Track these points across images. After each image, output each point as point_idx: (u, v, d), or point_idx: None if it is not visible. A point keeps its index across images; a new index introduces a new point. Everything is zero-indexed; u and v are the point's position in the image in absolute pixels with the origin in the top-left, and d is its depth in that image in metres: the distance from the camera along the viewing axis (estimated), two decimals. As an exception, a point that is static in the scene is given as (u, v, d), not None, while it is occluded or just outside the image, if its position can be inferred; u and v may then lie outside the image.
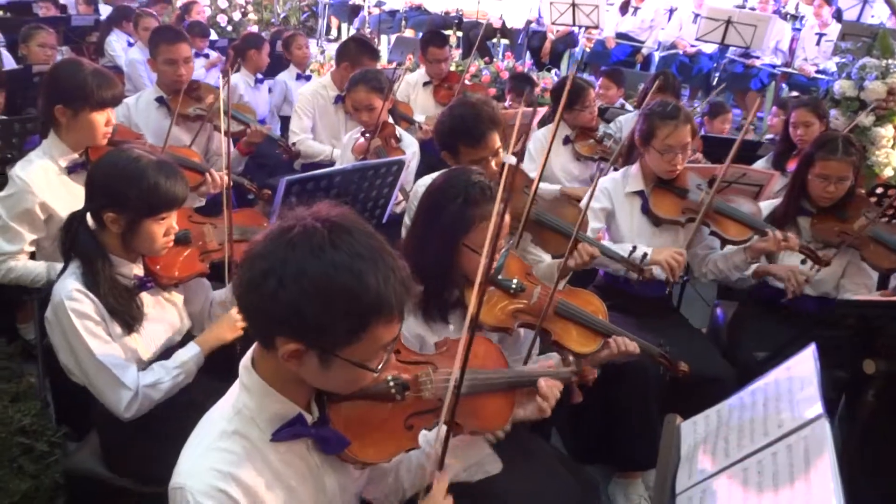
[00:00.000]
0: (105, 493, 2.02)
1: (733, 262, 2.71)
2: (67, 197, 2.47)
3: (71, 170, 2.48)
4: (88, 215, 1.86)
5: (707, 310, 3.68)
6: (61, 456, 2.41)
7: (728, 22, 6.51)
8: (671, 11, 8.24)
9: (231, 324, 1.99)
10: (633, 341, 2.01)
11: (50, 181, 2.44)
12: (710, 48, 7.53)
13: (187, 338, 2.05)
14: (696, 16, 7.57)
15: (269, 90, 5.27)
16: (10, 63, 4.95)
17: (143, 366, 1.91)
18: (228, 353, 2.03)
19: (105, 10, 8.07)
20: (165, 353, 1.97)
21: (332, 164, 3.86)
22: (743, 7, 7.90)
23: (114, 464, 2.00)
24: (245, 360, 1.26)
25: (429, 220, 1.86)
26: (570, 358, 1.84)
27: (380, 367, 1.20)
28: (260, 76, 5.13)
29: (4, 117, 3.18)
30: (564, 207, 2.50)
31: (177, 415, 1.93)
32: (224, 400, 1.27)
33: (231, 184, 2.77)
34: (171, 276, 1.97)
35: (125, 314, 1.83)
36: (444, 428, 1.28)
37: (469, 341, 1.24)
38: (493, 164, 2.43)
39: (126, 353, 1.86)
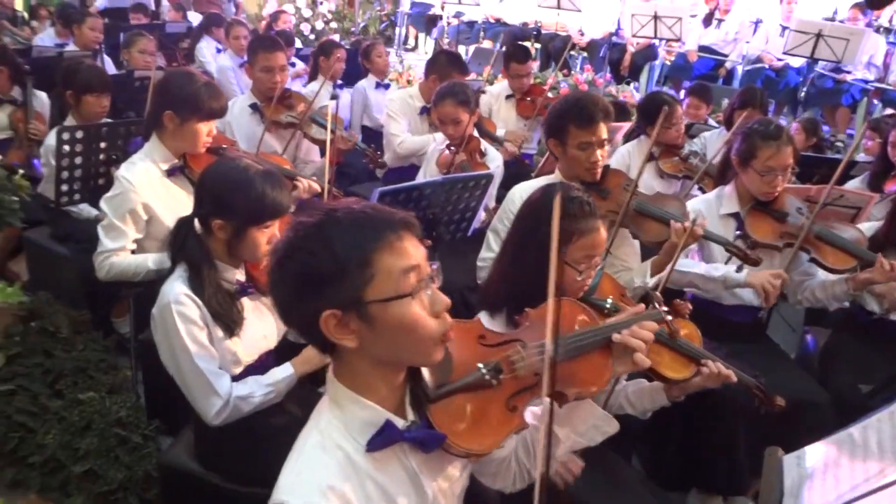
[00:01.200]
0: (196, 488, 2.07)
1: (833, 292, 2.60)
2: (167, 198, 2.57)
3: (170, 173, 2.58)
4: (196, 221, 1.93)
5: (793, 336, 3.55)
6: (153, 449, 2.50)
7: (818, 35, 6.31)
8: (757, 24, 8.03)
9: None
10: (728, 369, 1.95)
11: (152, 182, 2.54)
12: (797, 62, 7.30)
13: (281, 342, 2.11)
14: (784, 28, 7.35)
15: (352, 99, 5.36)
16: (110, 68, 5.19)
17: (241, 368, 1.96)
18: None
19: (192, 17, 8.41)
20: (260, 359, 2.03)
21: (415, 170, 3.90)
22: (833, 20, 7.63)
23: (207, 460, 2.05)
24: (329, 373, 1.27)
25: (525, 233, 1.86)
26: (660, 297, 1.77)
27: (414, 290, 1.17)
28: (339, 83, 5.21)
29: (110, 120, 3.33)
30: (665, 200, 2.61)
31: (269, 418, 1.99)
32: (316, 413, 1.28)
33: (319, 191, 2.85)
34: None
35: (227, 318, 1.88)
36: (546, 401, 1.19)
37: (557, 309, 1.17)
38: (598, 153, 2.50)
39: (227, 355, 1.92)
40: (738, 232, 2.50)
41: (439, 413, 1.26)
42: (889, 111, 6.51)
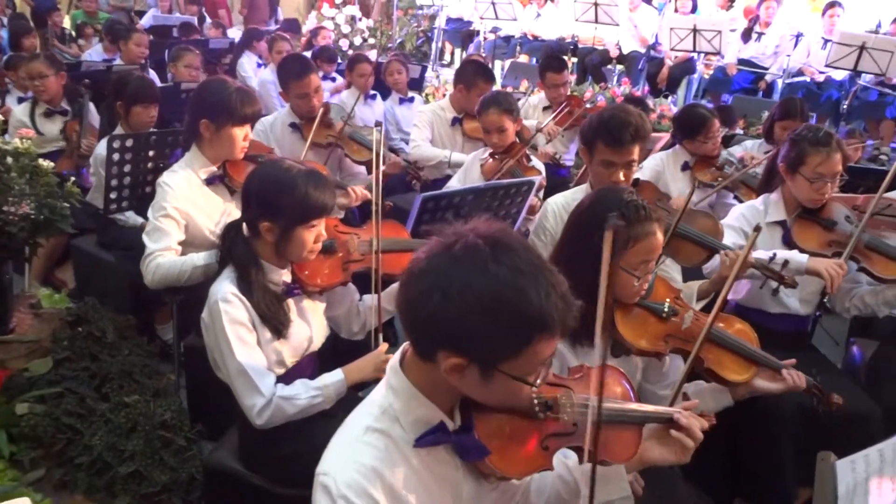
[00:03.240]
0: (239, 490, 2.09)
1: (884, 297, 2.55)
2: (206, 206, 2.61)
3: (209, 182, 2.62)
4: (244, 225, 1.96)
5: (836, 349, 3.47)
6: (196, 452, 2.53)
7: (862, 48, 6.21)
8: (797, 37, 7.92)
9: (377, 364, 1.99)
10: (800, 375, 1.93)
11: (192, 190, 2.58)
12: (839, 75, 7.19)
13: (325, 346, 2.12)
14: (826, 41, 7.25)
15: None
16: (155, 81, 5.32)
17: (285, 370, 1.97)
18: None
19: (231, 34, 8.59)
20: (304, 361, 2.05)
21: (446, 179, 3.91)
22: (876, 32, 7.50)
23: (250, 462, 2.07)
24: (394, 362, 1.28)
25: (578, 240, 1.83)
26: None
27: (538, 381, 1.20)
28: (371, 93, 5.24)
29: (158, 130, 3.41)
30: (698, 218, 2.50)
31: (313, 422, 1.99)
32: (370, 397, 1.30)
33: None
34: (317, 284, 2.04)
35: (275, 319, 1.90)
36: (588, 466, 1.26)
37: (602, 370, 1.20)
38: (621, 174, 2.42)
39: (272, 356, 1.93)
40: (772, 253, 2.41)
41: (483, 424, 1.28)
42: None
